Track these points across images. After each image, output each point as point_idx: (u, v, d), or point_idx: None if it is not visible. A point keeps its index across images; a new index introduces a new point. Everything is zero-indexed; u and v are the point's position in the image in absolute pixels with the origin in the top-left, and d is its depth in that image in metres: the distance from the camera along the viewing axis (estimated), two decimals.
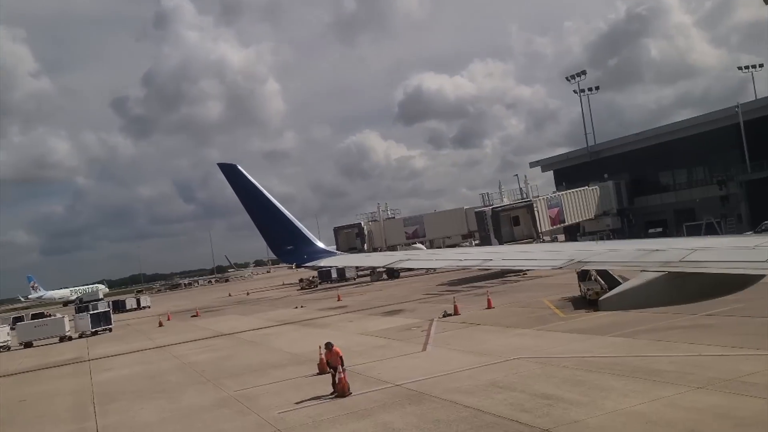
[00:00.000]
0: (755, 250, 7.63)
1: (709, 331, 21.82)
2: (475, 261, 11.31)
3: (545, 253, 11.40)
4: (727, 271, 7.40)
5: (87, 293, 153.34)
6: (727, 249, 8.41)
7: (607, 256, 9.18)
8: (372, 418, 16.59)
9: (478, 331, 29.31)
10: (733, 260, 7.58)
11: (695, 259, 7.69)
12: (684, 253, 8.00)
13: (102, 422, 20.64)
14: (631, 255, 8.75)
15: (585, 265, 9.05)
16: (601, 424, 13.55)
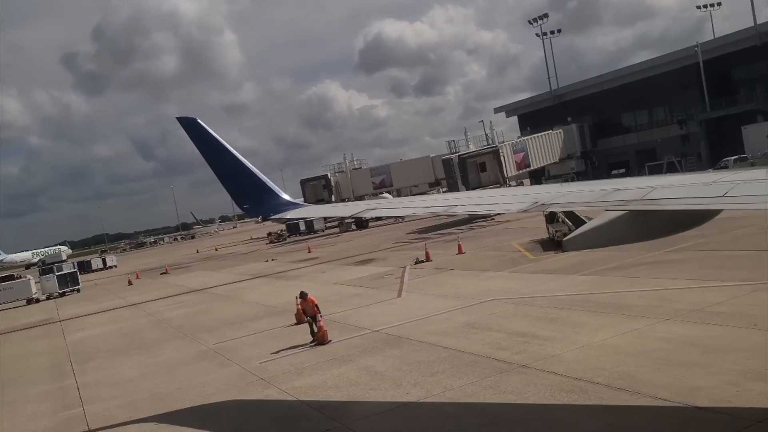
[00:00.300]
0: (713, 186, 7.91)
1: (674, 266, 22.51)
2: (441, 207, 11.52)
3: (510, 197, 11.51)
4: (686, 207, 7.70)
5: (49, 255, 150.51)
6: (686, 186, 8.69)
7: (570, 198, 9.45)
8: (354, 363, 16.90)
9: (451, 275, 29.78)
10: (692, 196, 7.85)
11: (655, 196, 7.91)
12: (644, 191, 8.18)
13: (81, 380, 20.63)
14: (594, 195, 8.94)
15: (549, 207, 9.30)
16: (576, 358, 14.03)
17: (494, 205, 11.58)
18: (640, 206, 7.99)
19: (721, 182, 7.91)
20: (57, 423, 16.16)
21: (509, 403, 12.02)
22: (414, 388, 13.85)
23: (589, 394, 11.74)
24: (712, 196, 7.49)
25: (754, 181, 7.77)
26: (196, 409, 15.14)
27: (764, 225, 27.03)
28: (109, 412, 16.14)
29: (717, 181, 8.08)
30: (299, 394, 14.92)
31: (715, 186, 7.85)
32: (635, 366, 12.80)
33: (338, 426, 12.41)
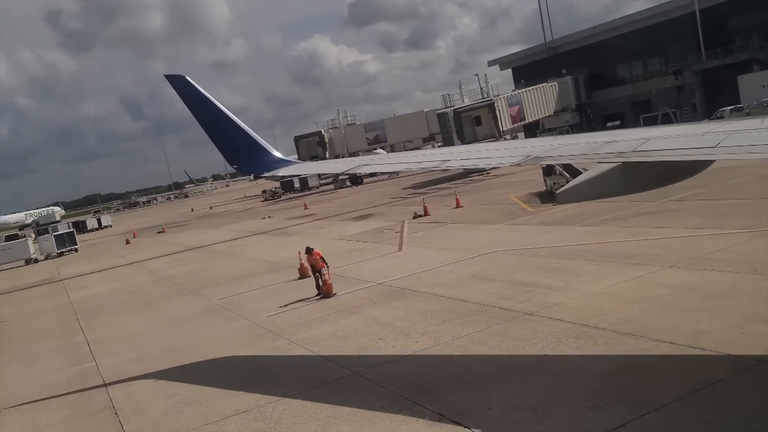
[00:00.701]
0: (705, 137, 8.00)
1: (674, 216, 22.75)
2: (434, 162, 11.54)
3: (503, 151, 11.58)
4: (678, 158, 7.74)
5: (43, 216, 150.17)
6: (679, 137, 8.74)
7: (563, 150, 9.55)
8: (360, 314, 17.18)
9: (450, 229, 30.01)
10: (684, 147, 7.90)
11: (648, 148, 7.98)
12: (637, 143, 8.25)
13: (90, 336, 20.91)
14: (587, 148, 9.04)
15: (542, 160, 9.31)
16: (580, 305, 14.31)
17: (486, 159, 11.63)
18: (632, 158, 8.06)
19: (714, 133, 7.99)
20: (71, 377, 16.43)
21: (518, 350, 12.31)
22: (422, 337, 14.14)
23: (596, 339, 12.03)
24: (704, 146, 7.59)
25: (746, 131, 7.88)
26: (209, 362, 15.43)
27: (760, 174, 27.27)
28: (122, 366, 16.43)
29: (709, 131, 8.15)
30: (309, 345, 15.21)
31: (707, 137, 7.94)
32: (640, 312, 13.09)
33: (350, 374, 12.70)
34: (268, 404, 11.87)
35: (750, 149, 7.11)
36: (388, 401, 10.97)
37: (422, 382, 11.61)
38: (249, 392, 12.71)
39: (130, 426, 12.10)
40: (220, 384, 13.57)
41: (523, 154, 9.40)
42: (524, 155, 9.34)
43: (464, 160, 12.14)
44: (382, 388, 11.64)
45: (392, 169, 37.76)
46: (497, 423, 9.34)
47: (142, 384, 14.68)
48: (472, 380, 11.20)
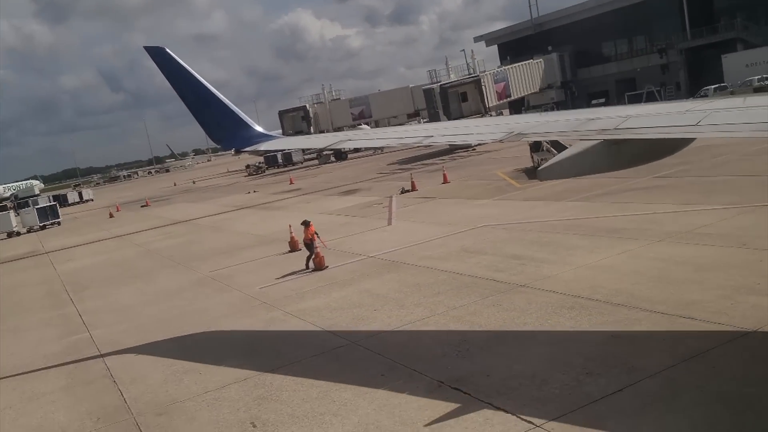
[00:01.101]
0: (686, 115, 7.98)
1: (661, 192, 23.07)
2: (417, 138, 11.52)
3: (485, 127, 11.56)
4: (659, 136, 7.82)
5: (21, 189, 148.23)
6: (660, 115, 8.72)
7: (546, 127, 9.60)
8: (354, 286, 17.34)
9: (439, 204, 30.19)
10: (666, 125, 7.93)
11: (630, 126, 8.03)
12: (619, 120, 8.28)
13: (81, 307, 20.89)
14: (569, 125, 9.05)
15: (524, 137, 9.37)
16: (573, 278, 14.56)
17: (469, 135, 11.60)
18: (614, 135, 8.11)
19: (695, 111, 8.05)
20: (66, 347, 16.46)
21: (513, 320, 12.54)
22: (418, 308, 14.34)
23: (590, 309, 12.28)
24: (685, 124, 7.66)
25: (726, 110, 7.96)
26: (205, 333, 15.53)
27: (743, 152, 27.69)
28: (116, 337, 16.47)
29: (690, 109, 8.21)
30: (304, 316, 15.35)
31: (688, 115, 8.00)
32: (631, 284, 13.36)
33: (348, 344, 12.87)
34: (268, 372, 12.02)
35: (730, 127, 7.24)
36: (387, 369, 11.17)
37: (420, 351, 11.81)
38: (247, 361, 12.85)
39: (130, 394, 12.20)
40: (217, 354, 13.69)
41: (506, 131, 9.48)
42: (507, 131, 9.41)
43: (447, 136, 12.18)
44: (381, 356, 11.83)
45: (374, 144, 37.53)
46: (497, 389, 9.55)
47: (139, 354, 14.74)
48: (469, 349, 11.42)
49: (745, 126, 7.10)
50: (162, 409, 11.15)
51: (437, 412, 9.21)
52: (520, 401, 9.05)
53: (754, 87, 51.18)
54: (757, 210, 17.77)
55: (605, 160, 8.96)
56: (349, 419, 9.49)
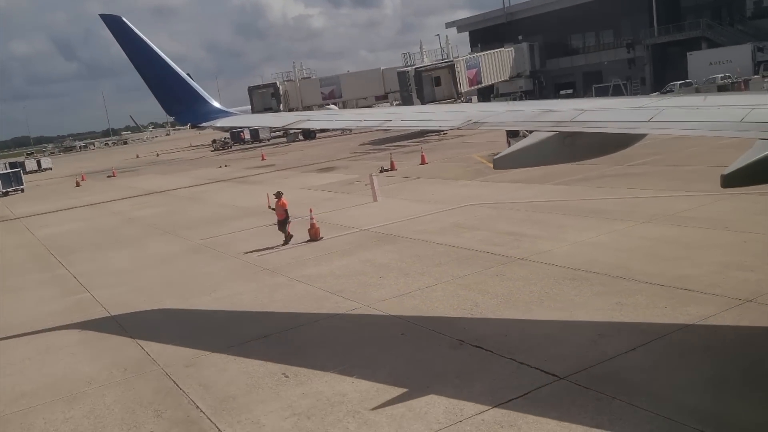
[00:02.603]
0: (639, 111, 8.28)
1: (638, 179, 24.10)
2: (377, 122, 11.78)
3: (444, 114, 11.91)
4: (612, 130, 8.19)
5: None
6: (614, 110, 8.97)
7: (503, 117, 9.78)
8: (354, 256, 17.89)
9: (422, 183, 30.86)
10: (619, 120, 8.27)
11: (584, 119, 8.30)
12: (575, 113, 8.53)
13: (74, 270, 20.95)
14: (526, 115, 9.37)
15: (481, 125, 9.51)
16: (569, 253, 15.40)
17: (427, 121, 11.78)
18: (569, 128, 8.37)
19: (647, 108, 8.30)
20: (69, 306, 16.66)
21: (519, 288, 13.30)
22: (423, 277, 15.00)
23: (591, 280, 13.12)
24: (638, 120, 7.96)
25: (677, 108, 8.37)
26: (213, 294, 15.89)
27: (713, 145, 29.00)
28: (121, 297, 16.72)
29: (644, 106, 8.47)
30: (310, 281, 15.86)
31: (641, 111, 8.27)
32: (626, 259, 14.24)
33: (361, 306, 13.46)
34: (287, 331, 12.56)
35: (679, 125, 7.63)
36: (405, 329, 11.83)
37: (434, 313, 12.49)
38: (263, 321, 13.38)
39: (151, 348, 12.58)
40: (231, 313, 14.17)
41: (463, 119, 9.74)
42: (464, 120, 9.68)
43: (405, 122, 12.26)
44: (397, 318, 12.47)
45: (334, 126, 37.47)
46: (517, 347, 10.29)
47: (148, 313, 15.10)
48: (482, 313, 12.15)
49: (693, 124, 7.53)
50: (189, 362, 11.60)
51: (464, 366, 9.91)
52: (540, 357, 9.80)
53: (718, 84, 53.15)
54: (732, 197, 18.77)
55: (559, 151, 9.23)
56: (380, 371, 10.11)
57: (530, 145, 9.51)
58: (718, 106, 8.22)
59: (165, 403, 9.98)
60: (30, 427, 9.78)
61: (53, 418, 9.97)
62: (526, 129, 9.30)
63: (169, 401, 10.05)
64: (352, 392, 9.50)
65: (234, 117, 14.57)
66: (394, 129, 14.04)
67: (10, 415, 10.32)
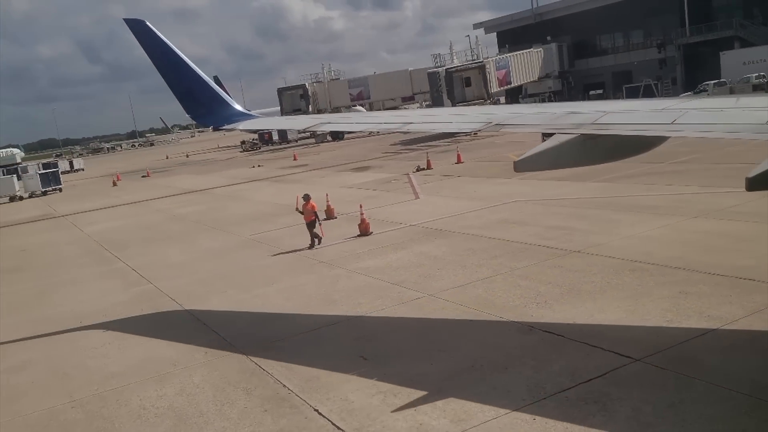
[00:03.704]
0: (662, 113, 8.24)
1: (681, 176, 24.27)
2: (396, 124, 11.96)
3: (464, 116, 11.87)
4: (634, 133, 8.09)
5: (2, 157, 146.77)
6: (637, 112, 8.89)
7: (524, 119, 9.72)
8: (407, 249, 18.32)
9: (461, 181, 31.20)
10: (641, 122, 8.27)
11: (606, 121, 8.30)
12: (596, 115, 8.56)
13: (131, 263, 21.59)
14: (547, 117, 9.28)
15: (502, 128, 9.45)
16: (623, 246, 15.69)
17: (448, 123, 11.79)
18: (590, 130, 8.37)
19: (671, 110, 8.25)
20: (135, 296, 17.28)
21: (579, 279, 13.64)
22: (481, 269, 15.39)
23: (650, 271, 13.42)
24: (660, 123, 7.96)
25: (702, 110, 8.27)
26: (276, 285, 16.39)
27: (752, 143, 28.98)
28: (186, 288, 17.31)
29: (667, 108, 8.40)
30: (369, 273, 16.32)
31: (664, 113, 8.22)
32: (681, 252, 14.51)
33: (425, 296, 13.89)
34: (356, 317, 13.04)
35: (703, 127, 7.53)
36: (474, 316, 12.24)
37: (499, 301, 12.88)
38: (331, 309, 13.86)
39: (227, 333, 13.12)
40: (297, 302, 14.67)
41: (484, 121, 9.72)
42: (485, 122, 9.65)
43: (425, 124, 12.41)
44: (462, 306, 12.88)
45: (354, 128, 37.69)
46: (586, 333, 10.63)
47: (215, 302, 15.64)
48: (546, 301, 12.51)
49: (718, 127, 7.47)
50: (266, 345, 12.11)
51: (538, 349, 10.31)
52: (612, 341, 10.15)
53: (753, 84, 52.86)
54: None
55: (580, 154, 9.21)
56: (455, 354, 10.54)
57: (551, 148, 9.48)
58: (744, 108, 8.17)
59: (252, 382, 10.50)
60: (126, 403, 10.34)
61: (147, 395, 10.53)
62: (548, 131, 9.10)
63: (256, 380, 10.56)
64: (432, 373, 9.93)
65: (255, 119, 14.75)
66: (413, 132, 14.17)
67: (105, 392, 10.90)
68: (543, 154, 9.63)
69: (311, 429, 8.71)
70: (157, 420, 9.60)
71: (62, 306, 17.23)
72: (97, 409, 10.28)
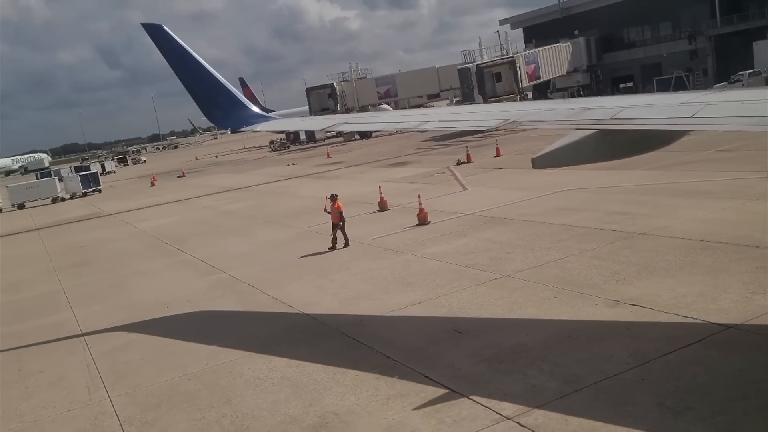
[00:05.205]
0: (681, 107, 8.22)
1: (731, 162, 24.48)
2: (413, 123, 12.12)
3: (481, 114, 12.00)
4: (653, 127, 8.10)
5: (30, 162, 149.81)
6: (656, 106, 8.87)
7: (542, 116, 9.61)
8: (471, 236, 18.84)
9: (505, 173, 31.64)
10: (660, 116, 8.21)
11: (624, 116, 8.28)
12: (615, 111, 8.54)
13: (198, 255, 22.27)
14: (566, 114, 9.22)
15: (520, 125, 9.46)
16: (688, 228, 16.05)
17: (465, 121, 11.84)
18: (608, 125, 8.35)
19: (690, 104, 8.21)
20: (212, 284, 17.97)
21: (651, 257, 14.07)
22: (550, 251, 15.86)
23: (723, 249, 13.81)
24: (679, 116, 7.91)
25: (723, 103, 8.20)
26: (348, 271, 16.99)
27: None
28: (260, 275, 17.97)
29: (686, 102, 8.39)
30: (439, 257, 16.86)
31: (683, 107, 8.19)
32: (750, 231, 14.83)
33: (499, 277, 14.40)
34: (438, 297, 13.59)
35: (724, 120, 7.55)
36: (556, 293, 12.74)
37: (577, 280, 13.35)
38: (410, 290, 14.42)
39: (316, 312, 13.74)
40: (377, 286, 15.24)
41: (502, 118, 9.74)
42: (503, 119, 9.67)
43: (443, 122, 12.35)
44: (541, 285, 13.38)
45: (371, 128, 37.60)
46: (674, 304, 11.12)
47: (293, 287, 16.25)
48: (625, 278, 12.97)
49: (738, 119, 7.47)
50: (356, 321, 12.73)
51: (629, 320, 10.80)
52: (702, 312, 10.61)
53: None
54: None
55: (600, 149, 9.23)
56: (549, 326, 11.07)
57: (570, 144, 9.49)
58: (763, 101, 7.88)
59: (356, 355, 11.10)
60: (240, 375, 11.00)
61: (257, 368, 11.17)
62: (567, 127, 8.93)
63: (359, 353, 11.16)
64: (530, 342, 10.47)
65: (273, 121, 15.14)
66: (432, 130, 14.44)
67: (215, 366, 11.56)
68: (561, 150, 9.67)
69: (428, 392, 9.28)
70: (275, 388, 10.23)
71: (144, 294, 17.98)
72: (213, 380, 10.95)
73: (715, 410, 7.67)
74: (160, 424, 9.67)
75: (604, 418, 7.85)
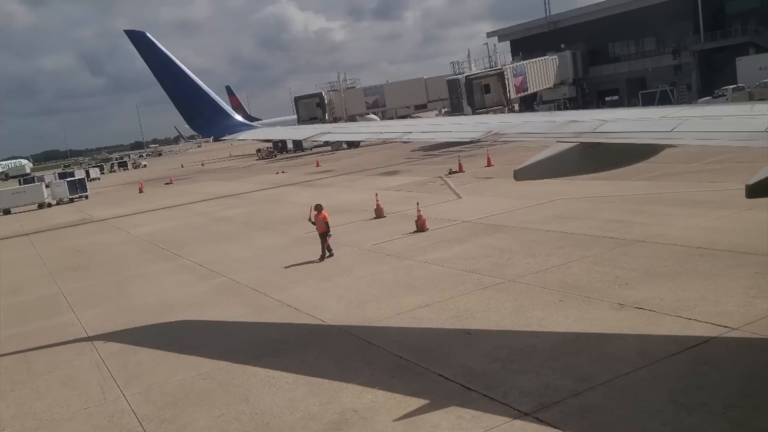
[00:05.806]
0: (661, 121, 8.40)
1: (721, 174, 24.99)
2: (396, 134, 12.19)
3: (465, 126, 12.18)
4: (633, 141, 8.26)
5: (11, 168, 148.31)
6: (637, 120, 9.01)
7: (525, 128, 9.77)
8: (471, 242, 19.12)
9: (499, 182, 31.93)
10: (640, 131, 8.41)
11: (605, 130, 8.45)
12: (596, 124, 8.70)
13: (196, 259, 22.35)
14: (547, 126, 9.39)
15: (502, 137, 9.57)
16: (685, 236, 16.44)
17: (448, 133, 12.00)
18: (590, 138, 8.48)
19: (670, 118, 8.38)
20: (214, 287, 18.08)
21: (651, 264, 14.42)
22: (551, 257, 16.17)
23: (720, 256, 14.20)
24: (659, 130, 8.11)
25: (701, 118, 8.45)
26: (352, 275, 17.17)
27: None
28: (263, 279, 18.10)
29: (665, 116, 8.54)
30: (441, 263, 17.10)
31: (663, 121, 8.36)
32: (746, 239, 15.22)
33: (503, 281, 14.68)
34: (444, 300, 13.82)
35: (702, 135, 7.74)
36: (561, 296, 13.03)
37: (581, 284, 13.66)
38: (416, 294, 14.62)
39: (323, 315, 13.91)
40: (380, 289, 15.43)
41: (485, 130, 9.80)
42: (485, 131, 9.74)
43: (426, 134, 12.43)
44: (545, 289, 13.67)
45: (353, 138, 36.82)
46: (675, 308, 11.44)
47: (297, 290, 16.40)
48: (628, 283, 13.29)
49: (717, 134, 7.69)
50: (366, 326, 12.91)
51: (634, 322, 11.10)
52: (705, 315, 10.94)
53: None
54: None
55: (580, 162, 9.26)
56: (557, 327, 11.35)
57: (551, 156, 9.51)
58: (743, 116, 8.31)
59: (368, 355, 11.31)
60: (254, 374, 11.15)
61: (270, 367, 11.32)
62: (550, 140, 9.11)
63: (370, 354, 11.36)
64: (540, 344, 10.73)
65: (257, 130, 15.21)
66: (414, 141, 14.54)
67: (228, 366, 11.69)
68: (543, 162, 9.66)
69: (444, 390, 9.50)
70: (291, 387, 10.40)
71: (146, 297, 18.04)
72: (228, 379, 11.09)
73: (727, 406, 7.97)
74: (179, 421, 9.80)
75: (620, 414, 8.12)
